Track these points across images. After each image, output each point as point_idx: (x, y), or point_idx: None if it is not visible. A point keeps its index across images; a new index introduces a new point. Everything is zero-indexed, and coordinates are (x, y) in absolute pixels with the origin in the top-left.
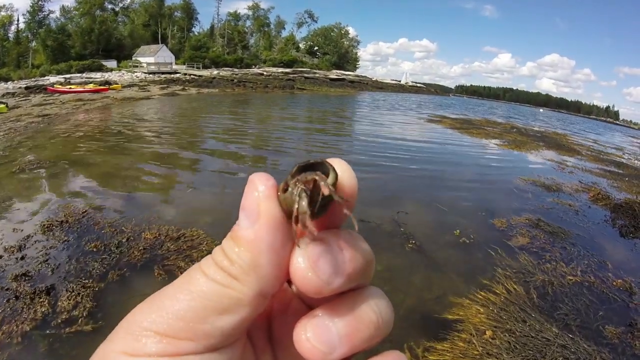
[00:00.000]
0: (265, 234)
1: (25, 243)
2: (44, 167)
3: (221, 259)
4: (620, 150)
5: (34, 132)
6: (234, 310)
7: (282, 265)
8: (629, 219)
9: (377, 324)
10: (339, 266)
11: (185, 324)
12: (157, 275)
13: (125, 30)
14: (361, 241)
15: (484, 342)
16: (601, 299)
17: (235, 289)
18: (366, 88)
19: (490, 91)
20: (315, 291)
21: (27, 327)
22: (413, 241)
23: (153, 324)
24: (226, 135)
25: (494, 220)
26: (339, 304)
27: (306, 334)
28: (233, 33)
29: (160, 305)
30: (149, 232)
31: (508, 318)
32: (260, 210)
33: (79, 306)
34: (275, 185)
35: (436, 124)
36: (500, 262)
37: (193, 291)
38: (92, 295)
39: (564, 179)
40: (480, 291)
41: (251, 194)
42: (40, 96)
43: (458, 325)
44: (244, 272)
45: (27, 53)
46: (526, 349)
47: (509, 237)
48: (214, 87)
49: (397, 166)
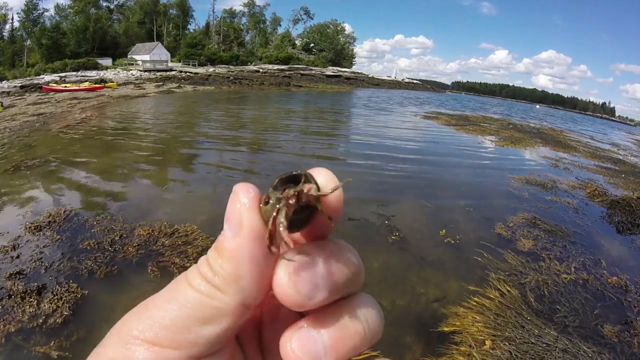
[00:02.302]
0: (247, 245)
1: (18, 242)
2: (38, 165)
3: (205, 270)
4: (616, 146)
5: (29, 131)
6: (216, 320)
7: (264, 277)
8: (625, 216)
9: (362, 334)
10: (321, 280)
11: (171, 333)
12: (151, 272)
13: (120, 28)
14: (348, 252)
15: (483, 353)
16: (598, 297)
17: (218, 299)
18: (362, 84)
19: (487, 87)
20: (296, 305)
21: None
22: (405, 242)
23: (142, 332)
24: (221, 132)
25: (489, 219)
26: (325, 314)
27: (291, 344)
28: (229, 30)
29: (149, 314)
30: (142, 229)
31: (506, 324)
32: (243, 221)
33: (68, 307)
34: (258, 197)
35: (432, 120)
36: (494, 265)
37: (179, 301)
38: (81, 297)
39: (561, 175)
40: (474, 297)
41: (234, 205)
42: (36, 95)
43: (456, 337)
44: (226, 283)
45: (22, 52)
46: (527, 357)
47: (505, 237)
48: (209, 85)
49: (390, 164)
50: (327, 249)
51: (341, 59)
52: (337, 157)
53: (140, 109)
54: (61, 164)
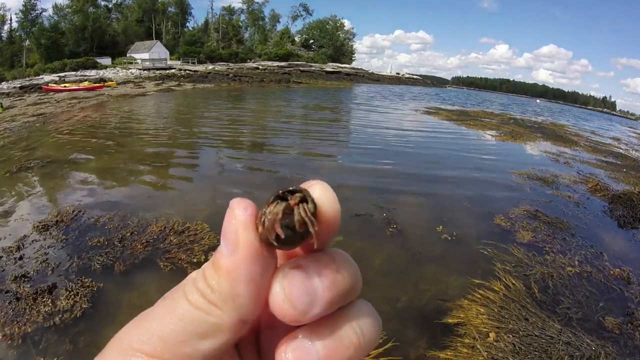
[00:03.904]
0: (243, 265)
1: (23, 243)
2: (40, 166)
3: (202, 286)
4: (617, 140)
5: (29, 131)
6: (213, 336)
7: (261, 293)
8: (627, 210)
9: (357, 345)
10: (316, 295)
11: (169, 346)
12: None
13: (118, 27)
14: (345, 263)
15: (488, 345)
16: (601, 290)
17: (215, 315)
18: (362, 80)
19: (487, 82)
20: (292, 321)
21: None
22: (406, 238)
23: (141, 344)
24: (223, 130)
25: (492, 213)
26: (320, 324)
27: (287, 355)
28: (227, 27)
29: (147, 327)
30: (155, 225)
31: (510, 317)
32: (239, 239)
33: (79, 303)
34: (255, 213)
35: (432, 115)
36: (498, 257)
37: (176, 315)
38: (91, 293)
39: (562, 170)
40: (479, 289)
41: (230, 222)
42: (35, 95)
43: (460, 329)
44: (223, 300)
45: (21, 52)
46: (531, 349)
47: (508, 230)
48: (209, 82)
49: (393, 159)
50: (324, 262)
51: (341, 55)
52: (334, 155)
53: (140, 108)
54: (63, 164)
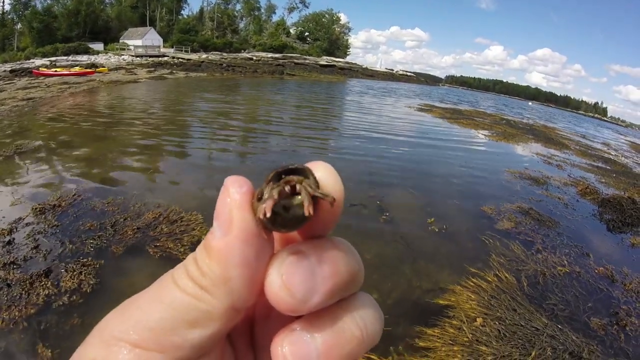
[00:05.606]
0: (237, 246)
1: (16, 226)
2: (28, 151)
3: (193, 270)
4: (607, 145)
5: (18, 115)
6: (204, 324)
7: (256, 279)
8: (616, 214)
9: (360, 338)
10: (316, 283)
11: (155, 335)
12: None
13: (112, 12)
14: (347, 251)
15: (474, 329)
16: (589, 290)
17: (206, 301)
18: (356, 75)
19: (480, 82)
20: (289, 310)
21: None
22: (401, 229)
23: (124, 333)
24: (215, 118)
25: (484, 209)
26: (320, 316)
27: (283, 348)
28: (223, 17)
29: (132, 315)
30: (150, 213)
31: (499, 306)
32: (233, 220)
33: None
34: (251, 191)
35: (425, 112)
36: (494, 250)
37: (164, 302)
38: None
39: (553, 172)
40: (472, 278)
41: (224, 201)
42: (26, 79)
43: (449, 311)
44: (215, 285)
45: (13, 35)
46: (515, 337)
47: (500, 226)
48: (202, 71)
49: (383, 154)
50: (325, 249)
51: (335, 49)
52: (328, 144)
53: (131, 95)
54: (51, 149)
